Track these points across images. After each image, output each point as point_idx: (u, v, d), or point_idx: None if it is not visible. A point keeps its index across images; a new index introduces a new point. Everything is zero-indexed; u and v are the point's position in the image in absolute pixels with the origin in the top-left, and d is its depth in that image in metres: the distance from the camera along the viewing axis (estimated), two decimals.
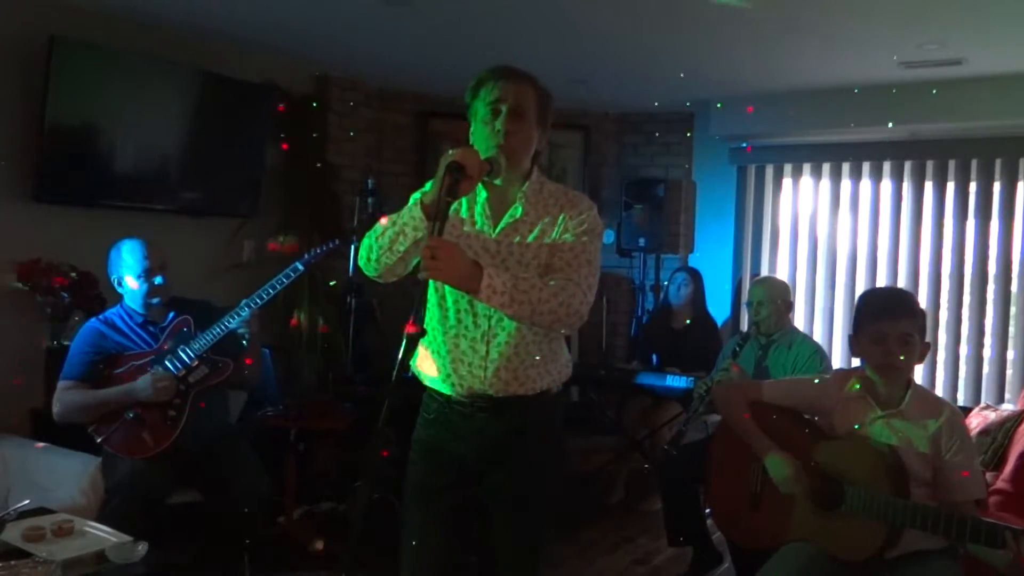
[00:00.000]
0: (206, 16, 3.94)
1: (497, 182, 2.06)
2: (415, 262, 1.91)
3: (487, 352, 2.04)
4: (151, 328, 3.20)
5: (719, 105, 5.43)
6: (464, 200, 2.07)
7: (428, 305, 2.11)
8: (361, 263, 2.05)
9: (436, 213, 1.81)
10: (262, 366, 3.49)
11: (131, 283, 3.15)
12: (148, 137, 4.09)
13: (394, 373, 1.73)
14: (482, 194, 2.08)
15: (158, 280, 3.15)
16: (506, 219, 2.06)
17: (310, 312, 4.61)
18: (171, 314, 3.22)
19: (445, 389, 2.10)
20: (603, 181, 6.04)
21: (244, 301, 3.14)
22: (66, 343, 3.40)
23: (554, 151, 5.88)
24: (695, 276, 5.10)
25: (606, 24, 3.87)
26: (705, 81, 4.98)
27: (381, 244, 1.96)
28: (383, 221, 1.99)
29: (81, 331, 3.20)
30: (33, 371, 3.65)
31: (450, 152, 1.85)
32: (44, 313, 3.70)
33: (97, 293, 3.71)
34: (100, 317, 3.22)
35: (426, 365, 2.13)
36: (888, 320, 2.37)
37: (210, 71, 4.28)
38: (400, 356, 1.71)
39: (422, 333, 1.75)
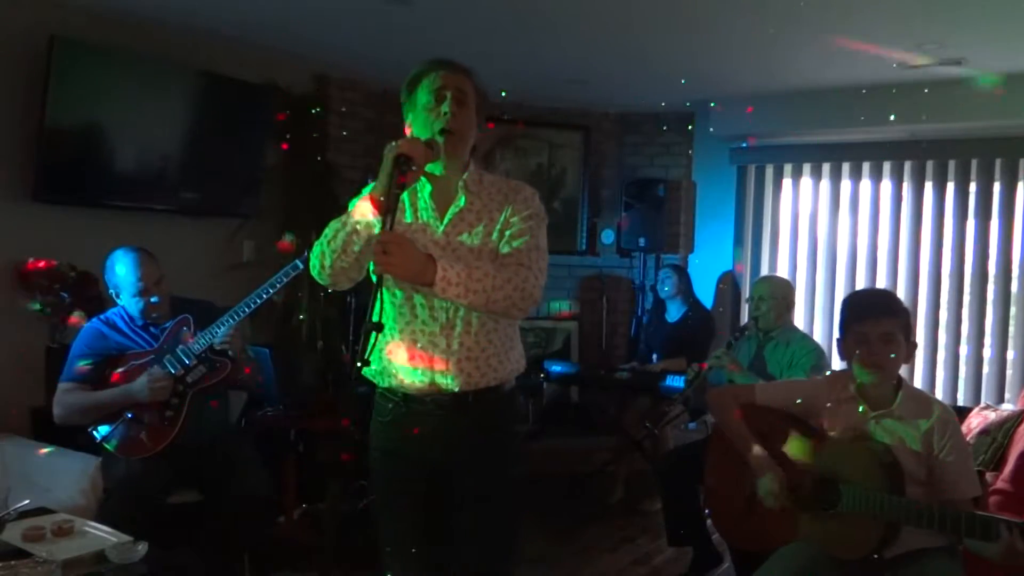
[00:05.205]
0: (206, 16, 3.94)
1: (438, 173, 2.06)
2: (371, 266, 1.89)
3: (447, 344, 2.01)
4: (152, 328, 3.19)
5: (712, 104, 5.44)
6: (406, 196, 2.05)
7: (384, 303, 2.09)
8: (314, 272, 2.00)
9: (387, 207, 1.81)
10: (262, 367, 3.48)
11: (126, 299, 3.15)
12: (148, 137, 4.08)
13: (351, 370, 1.72)
14: (426, 188, 2.07)
15: (154, 299, 3.13)
16: (452, 211, 2.05)
17: (310, 311, 4.60)
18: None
19: (405, 385, 2.04)
20: (603, 181, 6.04)
21: (245, 300, 3.13)
22: (66, 343, 3.39)
23: (554, 151, 5.89)
24: (677, 270, 5.21)
25: (606, 24, 3.87)
26: (705, 81, 4.98)
27: (334, 248, 1.92)
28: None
29: (82, 332, 3.19)
30: (33, 371, 3.65)
31: (394, 144, 1.85)
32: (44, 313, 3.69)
33: (97, 293, 3.70)
34: (101, 317, 3.22)
35: (385, 363, 2.06)
36: (870, 321, 2.38)
37: (210, 71, 4.28)
38: (359, 351, 1.73)
39: (379, 327, 1.75)
